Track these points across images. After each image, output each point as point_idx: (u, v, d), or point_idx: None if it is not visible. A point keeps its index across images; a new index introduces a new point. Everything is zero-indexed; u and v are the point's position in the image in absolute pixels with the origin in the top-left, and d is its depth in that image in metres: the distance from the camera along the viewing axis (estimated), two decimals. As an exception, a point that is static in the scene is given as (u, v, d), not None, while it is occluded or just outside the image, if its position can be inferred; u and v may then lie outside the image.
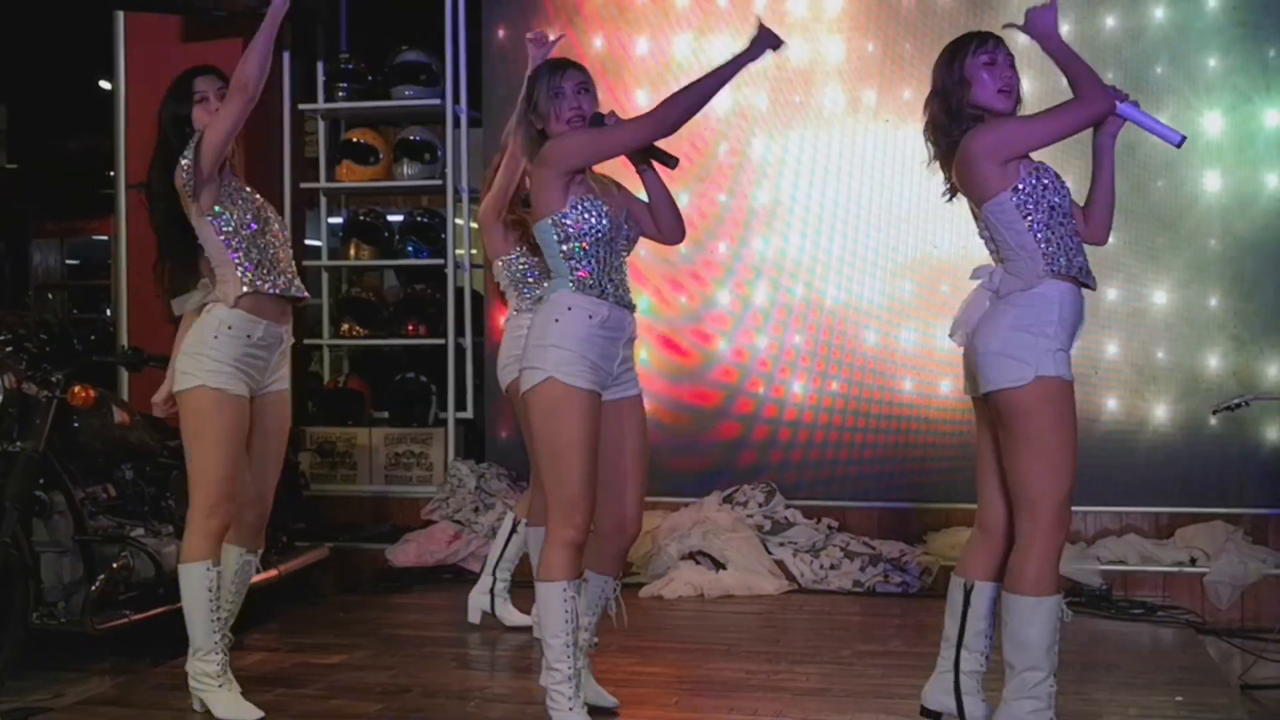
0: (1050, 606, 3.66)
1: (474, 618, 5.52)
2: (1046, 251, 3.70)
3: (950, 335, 3.91)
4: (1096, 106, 3.70)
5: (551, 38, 4.82)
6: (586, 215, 3.84)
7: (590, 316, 3.81)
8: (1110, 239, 4.01)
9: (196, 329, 4.24)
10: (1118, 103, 3.75)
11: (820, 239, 6.95)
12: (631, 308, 3.93)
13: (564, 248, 3.86)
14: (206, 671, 4.23)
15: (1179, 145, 3.86)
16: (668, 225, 4.04)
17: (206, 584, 4.20)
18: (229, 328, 4.18)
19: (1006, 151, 3.68)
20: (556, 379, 3.76)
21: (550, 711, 3.84)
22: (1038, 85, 6.42)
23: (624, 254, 3.96)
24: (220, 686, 4.25)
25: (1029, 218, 3.70)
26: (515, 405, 5.02)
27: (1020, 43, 3.90)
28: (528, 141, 3.95)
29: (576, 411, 3.76)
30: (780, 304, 7.03)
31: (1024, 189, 3.68)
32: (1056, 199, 3.71)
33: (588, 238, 3.84)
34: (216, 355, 4.17)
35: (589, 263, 3.85)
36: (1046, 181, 3.71)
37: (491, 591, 5.48)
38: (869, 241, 6.91)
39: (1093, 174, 3.89)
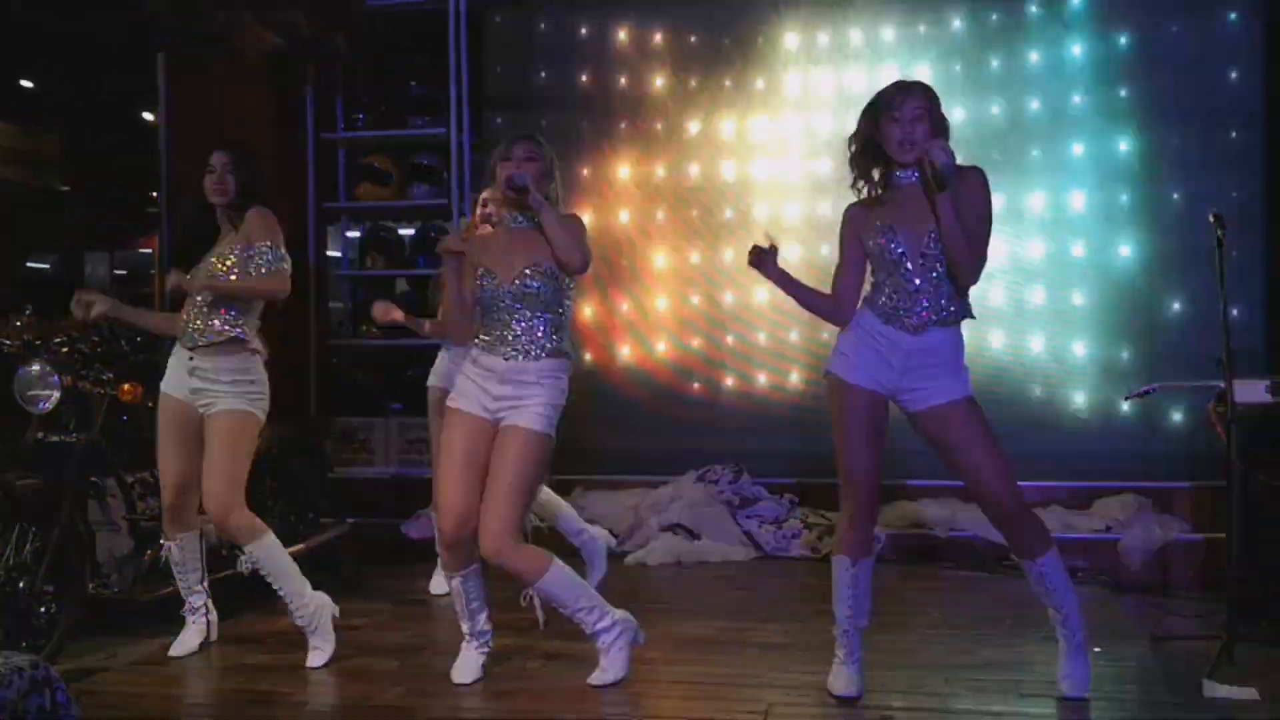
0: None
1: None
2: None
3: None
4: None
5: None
6: (475, 288, 4.03)
7: (471, 359, 4.10)
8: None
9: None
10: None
11: (782, 248, 6.92)
12: (509, 356, 3.98)
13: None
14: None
15: (946, 172, 3.65)
16: (557, 255, 3.97)
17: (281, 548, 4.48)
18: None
19: None
20: (450, 404, 4.11)
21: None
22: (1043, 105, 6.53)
23: (506, 310, 3.99)
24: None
25: None
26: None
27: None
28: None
29: (448, 427, 4.06)
30: (746, 306, 7.02)
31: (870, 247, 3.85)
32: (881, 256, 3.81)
33: (479, 305, 4.04)
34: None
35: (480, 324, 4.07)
36: (885, 239, 3.79)
37: None
38: (825, 250, 6.91)
39: None
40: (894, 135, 3.72)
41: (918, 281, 3.77)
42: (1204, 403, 5.49)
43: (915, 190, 3.77)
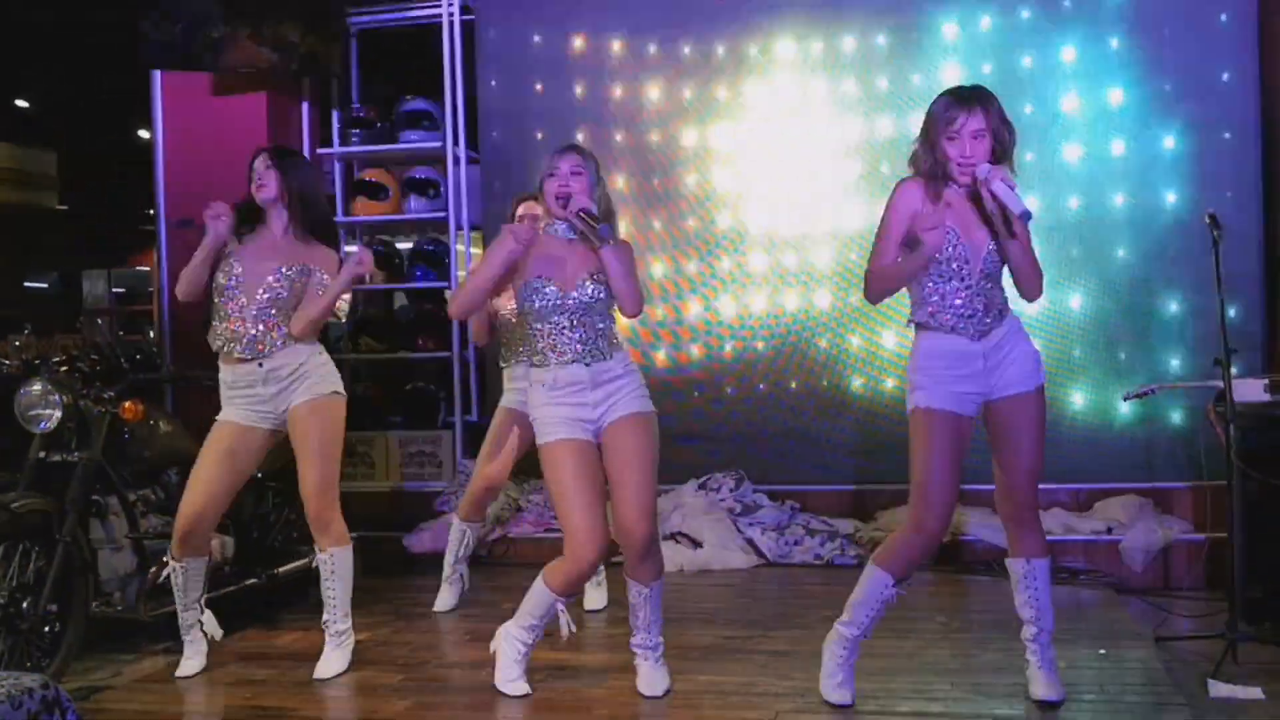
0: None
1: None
2: (916, 301, 3.82)
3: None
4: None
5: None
6: (530, 294, 3.96)
7: (543, 385, 3.95)
8: (1034, 252, 3.99)
9: None
10: (980, 172, 3.65)
11: (778, 257, 6.97)
12: (589, 360, 3.93)
13: (519, 331, 4.06)
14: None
15: (1023, 219, 3.64)
16: (619, 301, 3.98)
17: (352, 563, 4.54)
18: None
19: None
20: (540, 444, 3.99)
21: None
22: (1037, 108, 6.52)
23: (569, 318, 3.94)
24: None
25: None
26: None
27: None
28: None
29: (560, 462, 3.90)
30: (744, 315, 7.04)
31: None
32: (941, 259, 3.71)
33: (529, 316, 3.98)
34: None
35: (530, 338, 4.01)
36: (952, 246, 3.70)
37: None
38: (821, 259, 6.93)
39: None
40: (951, 154, 3.68)
41: (973, 290, 3.74)
42: (1203, 403, 5.51)
43: (965, 194, 3.74)
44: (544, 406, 3.95)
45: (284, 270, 4.37)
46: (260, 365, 4.35)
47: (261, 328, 4.35)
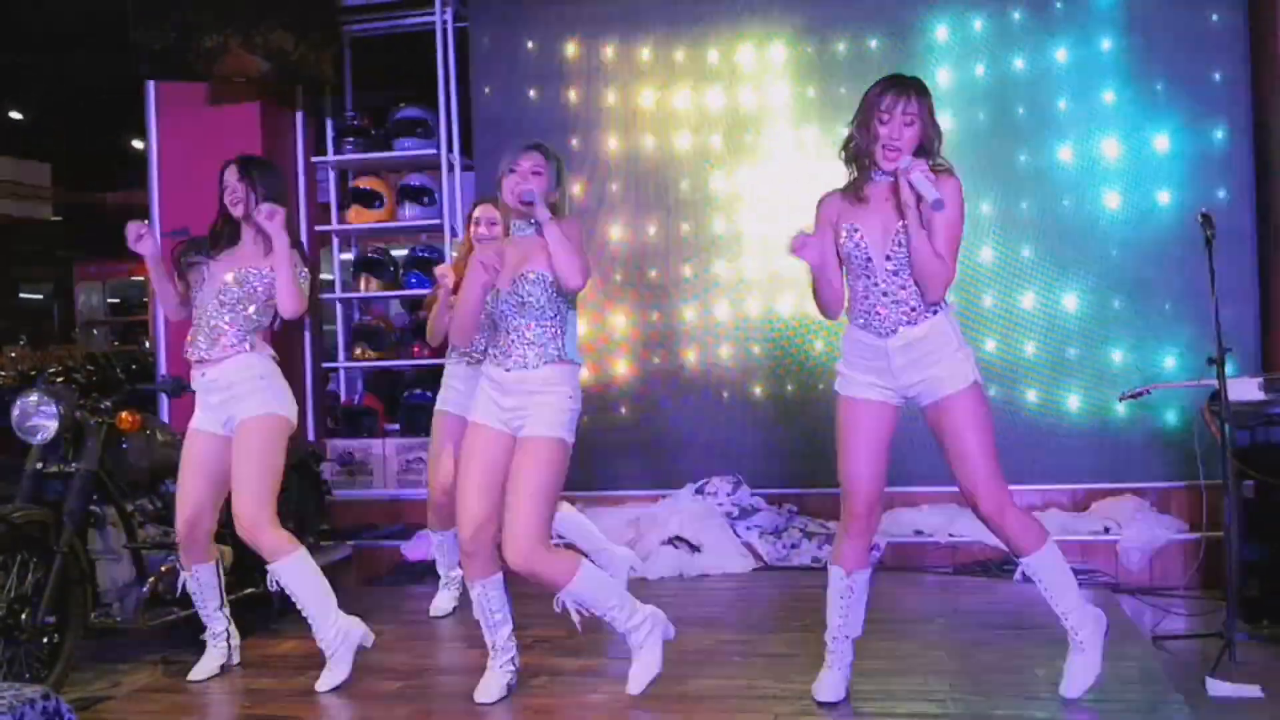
0: None
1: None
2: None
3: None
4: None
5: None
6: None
7: (484, 377, 4.08)
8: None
9: None
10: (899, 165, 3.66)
11: (772, 261, 6.98)
12: (511, 365, 3.98)
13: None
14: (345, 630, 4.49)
15: (934, 208, 3.60)
16: (558, 274, 3.95)
17: (310, 569, 4.46)
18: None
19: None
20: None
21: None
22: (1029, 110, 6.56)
23: (499, 317, 4.03)
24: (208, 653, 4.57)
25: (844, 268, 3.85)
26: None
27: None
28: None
29: (467, 438, 4.06)
30: (740, 319, 7.05)
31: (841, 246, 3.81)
32: (850, 258, 3.80)
33: (488, 316, 4.08)
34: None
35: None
36: (853, 242, 3.77)
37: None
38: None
39: None
40: (881, 134, 3.70)
41: (883, 285, 3.75)
42: (1198, 402, 5.52)
43: (886, 190, 3.74)
44: (481, 387, 4.07)
45: (241, 271, 4.40)
46: (203, 375, 4.39)
47: (207, 337, 4.39)
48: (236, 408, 4.35)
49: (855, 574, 3.92)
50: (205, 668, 4.56)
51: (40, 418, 4.66)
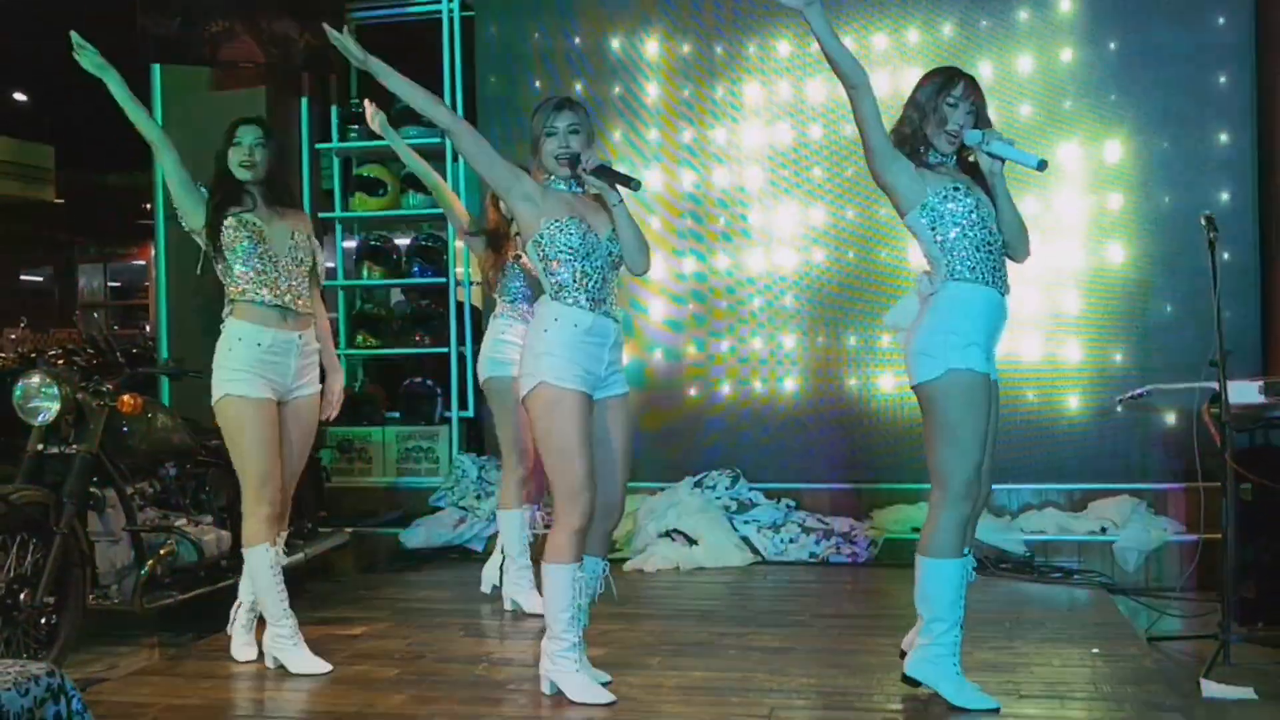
0: (950, 569, 3.69)
1: (485, 588, 5.52)
2: (949, 261, 3.73)
3: (884, 327, 3.93)
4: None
5: None
6: (559, 234, 3.81)
7: (575, 325, 3.79)
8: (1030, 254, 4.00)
9: (218, 344, 4.33)
10: (967, 134, 3.72)
11: (774, 256, 6.99)
12: (615, 318, 3.89)
13: (544, 265, 3.85)
14: (280, 634, 4.38)
15: (1039, 168, 3.72)
16: (629, 257, 3.90)
17: (269, 562, 4.31)
18: (239, 339, 4.28)
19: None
20: (549, 383, 3.76)
21: (555, 675, 3.89)
22: (1034, 110, 6.56)
23: (605, 268, 3.86)
24: (294, 646, 4.40)
25: (934, 231, 3.73)
26: (489, 396, 5.27)
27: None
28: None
29: (571, 412, 3.74)
30: (741, 313, 7.06)
31: (930, 206, 3.72)
32: (962, 218, 3.71)
33: (563, 254, 3.80)
34: (234, 365, 4.26)
35: (568, 276, 3.81)
36: (952, 205, 3.71)
37: (501, 568, 5.38)
38: (817, 258, 6.95)
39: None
40: (949, 117, 3.71)
41: (994, 243, 3.77)
42: (1198, 404, 5.52)
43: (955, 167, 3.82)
44: (568, 348, 3.77)
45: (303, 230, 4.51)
46: (300, 336, 4.46)
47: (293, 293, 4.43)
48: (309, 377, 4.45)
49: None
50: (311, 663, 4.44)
51: (42, 399, 4.66)
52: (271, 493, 4.31)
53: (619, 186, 3.85)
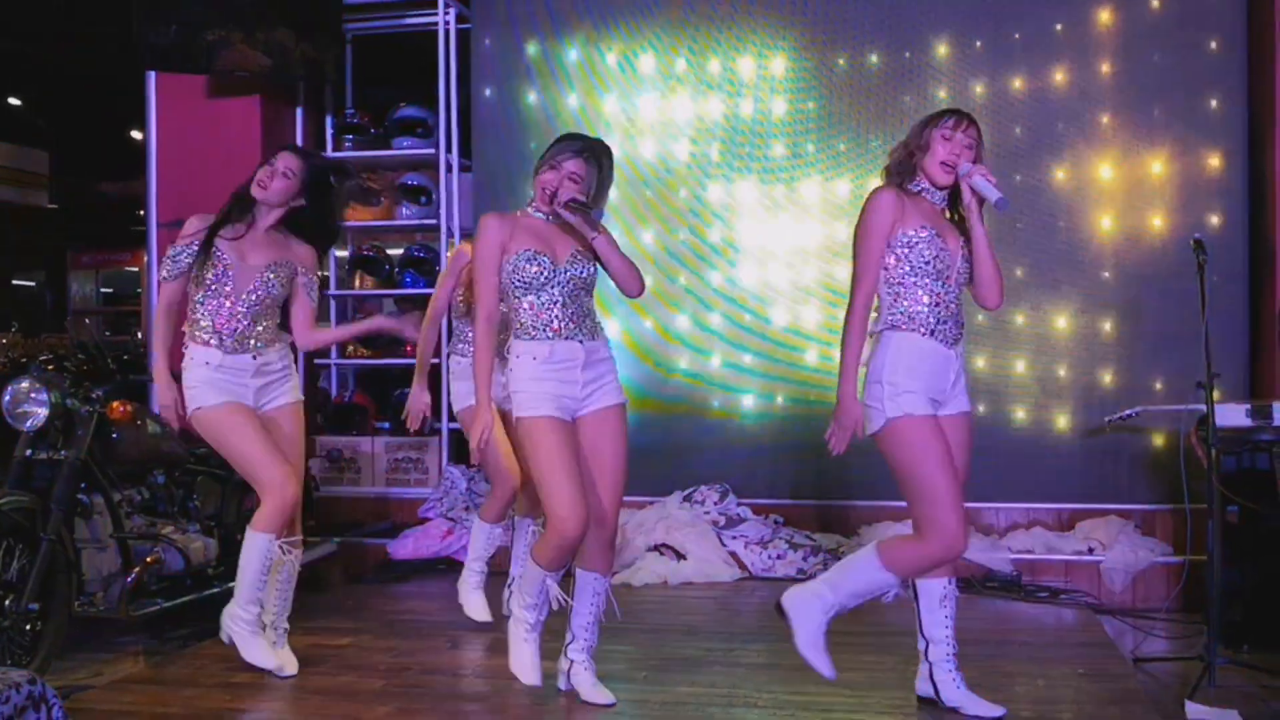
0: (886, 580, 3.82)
1: (505, 610, 5.46)
2: (891, 304, 3.74)
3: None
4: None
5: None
6: (514, 273, 3.89)
7: (534, 357, 3.89)
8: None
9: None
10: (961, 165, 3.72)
11: (766, 272, 7.00)
12: (584, 339, 3.92)
13: (506, 304, 3.97)
14: (243, 617, 4.36)
15: (996, 205, 3.66)
16: (619, 285, 3.98)
17: (265, 551, 4.31)
18: (191, 359, 4.34)
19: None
20: (522, 417, 3.90)
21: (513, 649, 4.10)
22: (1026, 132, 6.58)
23: (566, 295, 3.90)
24: (251, 634, 4.38)
25: (887, 271, 3.74)
26: (464, 426, 5.25)
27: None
28: None
29: (545, 438, 3.84)
30: (732, 328, 7.06)
31: (895, 243, 3.72)
32: (919, 267, 3.70)
33: (518, 290, 3.90)
34: (190, 382, 4.32)
35: (525, 310, 3.92)
36: (910, 251, 3.70)
37: (509, 587, 5.34)
38: (809, 273, 6.96)
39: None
40: (941, 152, 3.72)
41: (954, 294, 3.77)
42: (1186, 426, 5.54)
43: (938, 208, 3.81)
44: (532, 380, 3.88)
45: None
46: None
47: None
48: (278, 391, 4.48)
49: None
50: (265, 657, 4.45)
51: (31, 405, 4.65)
52: (280, 478, 4.28)
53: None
